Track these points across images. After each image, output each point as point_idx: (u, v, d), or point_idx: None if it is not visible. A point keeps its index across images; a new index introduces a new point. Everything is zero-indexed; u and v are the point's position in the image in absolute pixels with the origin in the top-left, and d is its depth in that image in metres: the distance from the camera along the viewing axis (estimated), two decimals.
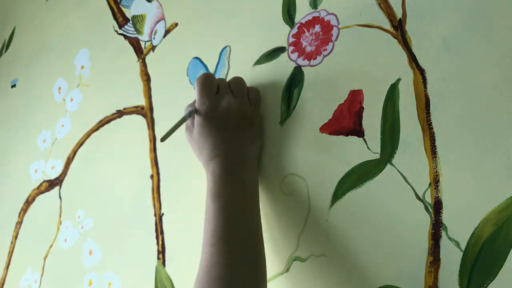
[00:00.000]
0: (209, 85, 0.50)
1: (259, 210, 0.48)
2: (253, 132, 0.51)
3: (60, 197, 0.78)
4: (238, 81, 0.52)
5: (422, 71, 0.42)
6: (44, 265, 0.77)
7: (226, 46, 0.60)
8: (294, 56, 0.52)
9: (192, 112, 0.51)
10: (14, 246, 0.86)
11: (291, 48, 0.52)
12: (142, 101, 0.69)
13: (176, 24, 0.68)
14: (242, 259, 0.42)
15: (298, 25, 0.52)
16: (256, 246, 0.44)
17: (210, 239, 0.43)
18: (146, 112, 0.68)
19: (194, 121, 0.52)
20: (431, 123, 0.40)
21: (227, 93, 0.51)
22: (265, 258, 0.45)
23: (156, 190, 0.63)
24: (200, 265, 0.43)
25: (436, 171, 0.39)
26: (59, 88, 0.88)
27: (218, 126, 0.49)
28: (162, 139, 0.48)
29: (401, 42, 0.44)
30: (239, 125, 0.50)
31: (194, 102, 0.52)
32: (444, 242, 0.37)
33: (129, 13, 0.77)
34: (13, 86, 1.03)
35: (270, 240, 0.49)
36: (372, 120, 0.44)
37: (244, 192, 0.47)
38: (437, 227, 0.38)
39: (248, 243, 0.44)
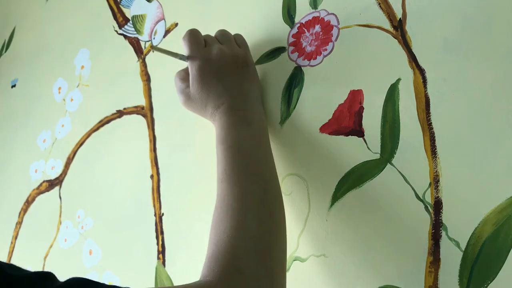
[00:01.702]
0: (196, 39, 0.51)
1: (270, 149, 0.48)
2: (250, 73, 0.52)
3: (60, 197, 0.78)
4: (222, 31, 0.54)
5: (422, 71, 0.42)
6: (44, 265, 0.77)
7: None
8: (294, 56, 0.52)
9: (181, 57, 0.51)
10: (14, 246, 0.86)
11: (291, 48, 0.52)
12: (142, 101, 0.69)
13: (176, 24, 0.68)
14: (251, 189, 0.43)
15: (298, 25, 0.52)
16: (265, 177, 0.45)
17: (220, 177, 0.45)
18: (146, 112, 0.68)
19: (187, 84, 0.52)
20: (431, 123, 0.40)
21: (215, 42, 0.52)
22: (279, 187, 0.45)
23: (156, 190, 0.63)
24: (215, 203, 0.44)
25: (436, 171, 0.39)
26: (59, 88, 0.88)
27: (215, 74, 0.50)
28: (153, 48, 0.51)
29: (401, 42, 0.44)
30: (235, 68, 0.50)
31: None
32: (444, 242, 0.37)
33: (129, 13, 0.77)
34: (13, 86, 1.03)
35: None
36: (372, 120, 0.44)
37: (251, 131, 0.47)
38: (437, 227, 0.38)
39: (256, 174, 0.44)
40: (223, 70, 0.50)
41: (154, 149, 0.65)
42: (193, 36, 0.51)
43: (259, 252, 0.39)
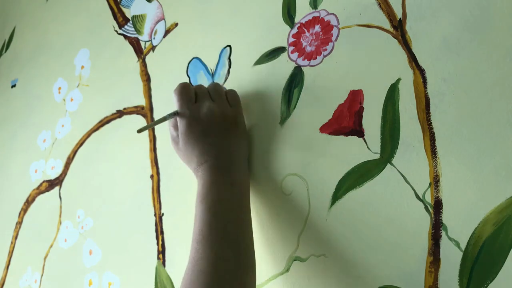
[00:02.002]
0: (187, 93, 0.51)
1: (249, 209, 0.49)
2: (238, 132, 0.52)
3: (60, 197, 0.78)
4: (215, 86, 0.54)
5: (422, 71, 0.42)
6: (44, 265, 0.77)
7: (226, 46, 0.60)
8: (294, 56, 0.52)
9: (174, 114, 0.52)
10: (14, 246, 0.86)
11: (291, 48, 0.52)
12: (142, 101, 0.69)
13: (176, 24, 0.68)
14: (226, 255, 0.43)
15: (298, 25, 0.52)
16: (242, 242, 0.45)
17: (196, 237, 0.45)
18: (146, 112, 0.68)
19: (178, 133, 0.52)
20: (431, 123, 0.40)
21: (206, 99, 0.52)
22: (253, 254, 0.46)
23: (156, 190, 0.63)
24: (188, 263, 0.44)
25: (436, 171, 0.39)
26: (59, 88, 0.88)
27: (202, 132, 0.50)
28: (139, 131, 0.50)
29: (401, 42, 0.44)
30: (223, 128, 0.50)
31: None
32: (444, 242, 0.37)
33: (129, 13, 0.77)
34: (13, 86, 1.03)
35: (270, 240, 0.49)
36: (372, 120, 0.44)
37: (232, 193, 0.48)
38: (437, 227, 0.38)
39: (233, 239, 0.44)
40: (210, 129, 0.50)
41: (154, 149, 0.65)
42: (184, 90, 0.52)
43: None
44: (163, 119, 0.52)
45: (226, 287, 0.41)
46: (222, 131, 0.50)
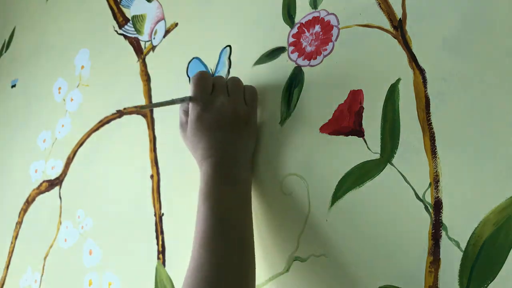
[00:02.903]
0: (204, 84, 0.50)
1: (251, 210, 0.48)
2: (248, 132, 0.51)
3: (60, 197, 0.78)
4: (234, 80, 0.52)
5: (422, 71, 0.42)
6: (44, 265, 0.77)
7: (226, 46, 0.60)
8: (294, 56, 0.52)
9: (184, 99, 0.51)
10: (14, 246, 0.86)
11: (291, 48, 0.52)
12: (142, 101, 0.69)
13: (176, 24, 0.68)
14: (229, 260, 0.43)
15: (298, 25, 0.52)
16: (244, 246, 0.45)
17: (199, 240, 0.44)
18: (146, 112, 0.68)
19: (187, 119, 0.52)
20: (431, 123, 0.40)
21: (222, 92, 0.50)
22: (254, 258, 0.45)
23: (156, 190, 0.63)
24: (189, 265, 0.44)
25: (436, 171, 0.39)
26: (59, 88, 0.88)
27: (211, 125, 0.49)
28: (142, 107, 0.49)
29: (401, 42, 0.44)
30: (233, 125, 0.49)
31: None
32: (444, 242, 0.37)
33: (129, 13, 0.77)
34: (13, 86, 1.03)
35: (270, 240, 0.49)
36: (372, 120, 0.44)
37: (235, 193, 0.47)
38: (437, 227, 0.38)
39: (235, 244, 0.44)
40: (220, 123, 0.49)
41: (154, 149, 0.65)
42: (201, 80, 0.50)
43: None
44: (171, 102, 0.51)
45: None
46: (231, 127, 0.49)
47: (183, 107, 0.53)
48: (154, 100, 0.67)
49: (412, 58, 0.43)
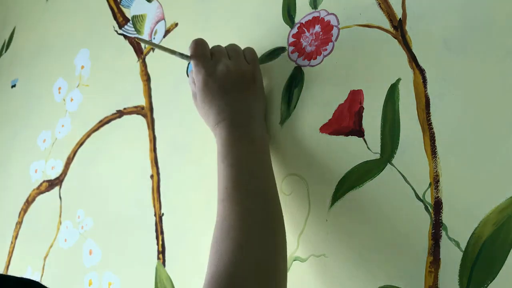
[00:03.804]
0: (202, 50, 0.51)
1: (270, 164, 0.48)
2: (256, 89, 0.51)
3: (60, 197, 0.78)
4: (232, 45, 0.53)
5: (422, 71, 0.42)
6: (44, 265, 0.77)
7: None
8: (294, 56, 0.52)
9: (183, 55, 0.51)
10: (14, 246, 0.86)
11: (291, 48, 0.52)
12: (142, 101, 0.69)
13: (176, 24, 0.68)
14: (252, 208, 0.43)
15: (298, 25, 0.52)
16: (267, 196, 0.45)
17: (221, 196, 0.44)
18: (146, 112, 0.68)
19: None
20: (431, 123, 0.40)
21: (223, 56, 0.51)
22: (280, 206, 0.45)
23: (156, 190, 0.63)
24: (216, 222, 0.44)
25: (436, 171, 0.39)
26: (59, 88, 0.88)
27: (219, 90, 0.49)
28: (139, 40, 0.49)
29: (401, 42, 0.44)
30: (240, 85, 0.50)
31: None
32: (444, 242, 0.37)
33: (129, 13, 0.77)
34: (13, 86, 1.03)
35: None
36: (372, 120, 0.44)
37: (252, 148, 0.47)
38: (437, 227, 0.38)
39: (257, 193, 0.44)
40: (227, 86, 0.49)
41: (154, 149, 0.65)
42: (198, 47, 0.51)
43: (261, 277, 0.39)
44: (171, 51, 0.51)
45: (256, 242, 0.41)
46: (239, 88, 0.50)
47: (191, 78, 0.54)
48: (154, 100, 0.67)
49: (412, 58, 0.43)
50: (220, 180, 0.46)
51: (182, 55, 0.51)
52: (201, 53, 0.50)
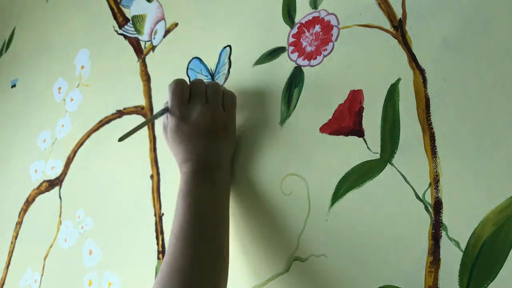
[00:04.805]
0: (180, 93, 0.51)
1: (228, 209, 0.50)
2: (226, 137, 0.52)
3: (60, 197, 0.78)
4: (213, 87, 0.53)
5: (422, 71, 0.42)
6: (44, 265, 0.77)
7: (226, 46, 0.60)
8: (294, 56, 0.52)
9: (164, 110, 0.52)
10: (14, 246, 0.86)
11: (291, 48, 0.52)
12: (142, 101, 0.69)
13: (176, 24, 0.68)
14: (204, 253, 0.44)
15: (298, 25, 0.52)
16: (219, 242, 0.46)
17: (175, 234, 0.46)
18: (146, 112, 0.68)
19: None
20: (431, 123, 0.40)
21: (200, 100, 0.51)
22: (228, 254, 0.47)
23: (156, 190, 0.63)
24: (165, 257, 0.45)
25: (436, 171, 0.39)
26: (59, 88, 0.88)
27: (189, 134, 0.51)
28: (120, 139, 0.49)
29: (401, 42, 0.44)
30: (211, 132, 0.51)
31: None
32: (444, 242, 0.37)
33: (129, 13, 0.77)
34: (13, 86, 1.03)
35: (270, 240, 0.49)
36: (372, 120, 0.44)
37: (213, 192, 0.49)
38: (437, 227, 0.38)
39: (211, 238, 0.46)
40: (197, 132, 0.50)
41: (154, 149, 0.65)
42: (177, 88, 0.51)
43: None
44: (154, 117, 0.52)
45: (201, 285, 0.43)
46: (209, 135, 0.51)
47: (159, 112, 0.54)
48: (154, 100, 0.67)
49: (412, 58, 0.43)
50: (177, 217, 0.47)
51: (160, 113, 0.52)
52: (179, 94, 0.51)
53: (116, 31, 0.78)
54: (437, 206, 0.38)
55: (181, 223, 0.46)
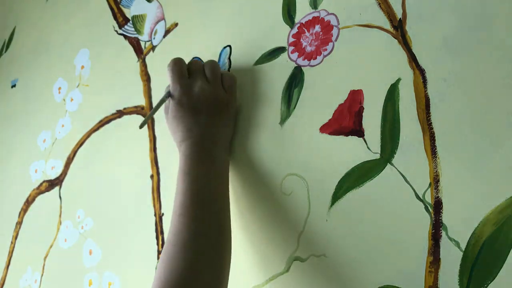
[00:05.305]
0: (179, 69, 0.52)
1: (228, 189, 0.50)
2: (227, 116, 0.52)
3: (60, 197, 0.78)
4: (212, 66, 0.53)
5: (422, 71, 0.42)
6: (44, 265, 0.77)
7: (226, 46, 0.60)
8: (294, 56, 0.52)
9: (168, 95, 0.52)
10: (14, 246, 0.86)
11: (291, 48, 0.52)
12: (142, 101, 0.69)
13: (176, 24, 0.68)
14: (207, 226, 0.45)
15: (298, 25, 0.52)
16: (221, 217, 0.47)
17: (177, 211, 0.46)
18: (146, 112, 0.68)
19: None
20: (431, 123, 0.40)
21: (200, 77, 0.52)
22: (230, 230, 0.47)
23: (156, 190, 0.63)
24: (168, 233, 0.45)
25: (436, 171, 0.39)
26: (59, 88, 0.88)
27: (190, 110, 0.50)
28: (141, 126, 0.50)
29: (401, 42, 0.44)
30: (212, 109, 0.51)
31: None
32: (444, 242, 0.37)
33: (129, 13, 0.77)
34: (13, 86, 1.03)
35: (270, 240, 0.49)
36: (372, 120, 0.44)
37: (213, 169, 0.49)
38: (437, 227, 0.38)
39: (213, 212, 0.46)
40: (199, 107, 0.50)
41: (154, 149, 0.65)
42: (176, 65, 0.52)
43: None
44: (161, 103, 0.52)
45: (207, 263, 0.43)
46: (210, 111, 0.51)
47: (165, 94, 0.55)
48: (154, 100, 0.67)
49: (412, 58, 0.43)
50: (178, 194, 0.47)
51: (165, 96, 0.52)
52: (178, 70, 0.52)
53: (116, 31, 0.78)
54: (437, 206, 0.38)
55: (182, 200, 0.46)
